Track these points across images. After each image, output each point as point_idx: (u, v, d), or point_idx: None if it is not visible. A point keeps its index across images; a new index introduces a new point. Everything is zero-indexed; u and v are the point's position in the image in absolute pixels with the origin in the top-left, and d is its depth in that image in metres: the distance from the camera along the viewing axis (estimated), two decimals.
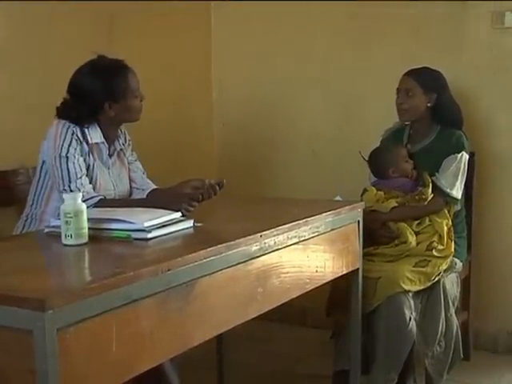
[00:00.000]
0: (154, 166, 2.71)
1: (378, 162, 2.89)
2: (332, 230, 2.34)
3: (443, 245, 2.73)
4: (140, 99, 2.41)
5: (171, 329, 1.61)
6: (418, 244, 2.72)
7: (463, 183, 2.84)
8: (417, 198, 2.74)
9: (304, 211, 2.28)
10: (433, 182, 2.78)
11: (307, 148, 3.60)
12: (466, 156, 2.83)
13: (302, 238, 2.15)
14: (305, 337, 3.38)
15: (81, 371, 1.36)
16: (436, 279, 2.69)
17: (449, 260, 2.75)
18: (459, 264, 2.86)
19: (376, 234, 2.73)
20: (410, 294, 2.61)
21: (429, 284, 2.67)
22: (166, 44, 3.47)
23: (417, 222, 2.75)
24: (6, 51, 2.68)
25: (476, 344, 3.22)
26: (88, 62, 2.35)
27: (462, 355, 2.79)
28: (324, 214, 2.29)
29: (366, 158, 2.91)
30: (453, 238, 2.78)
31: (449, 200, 2.81)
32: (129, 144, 2.58)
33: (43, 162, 2.33)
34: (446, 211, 2.81)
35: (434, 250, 2.70)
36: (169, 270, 1.57)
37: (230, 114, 3.82)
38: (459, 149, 2.81)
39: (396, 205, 2.75)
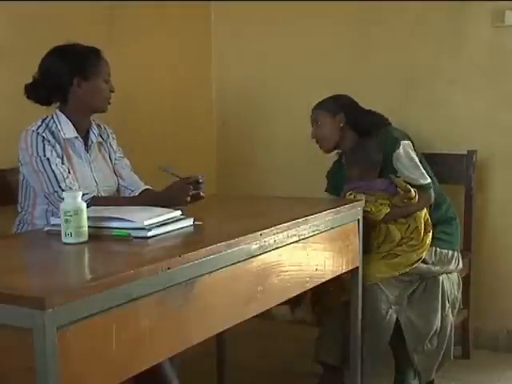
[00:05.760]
0: (154, 164, 2.70)
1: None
2: (332, 228, 2.35)
3: (418, 240, 2.68)
4: (110, 89, 2.40)
5: (171, 327, 1.61)
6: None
7: (422, 166, 2.79)
8: (406, 201, 2.67)
9: (304, 210, 2.29)
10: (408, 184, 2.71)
11: (307, 147, 3.59)
12: (406, 142, 2.80)
13: (302, 237, 2.16)
14: (304, 335, 3.37)
15: (80, 369, 1.36)
16: (408, 269, 2.66)
17: (420, 252, 2.68)
18: (456, 254, 2.83)
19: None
20: (389, 289, 2.62)
21: (400, 272, 2.65)
22: (165, 43, 3.48)
23: (405, 227, 2.69)
24: (7, 51, 2.68)
25: (476, 342, 3.22)
26: (60, 44, 2.37)
27: (452, 357, 2.78)
28: (324, 213, 2.29)
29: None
30: (430, 230, 2.73)
31: (428, 188, 2.76)
32: (113, 138, 2.55)
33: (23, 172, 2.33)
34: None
35: (404, 246, 2.68)
36: (168, 269, 1.57)
37: (229, 112, 3.82)
38: (394, 142, 2.77)
39: (388, 211, 2.66)
